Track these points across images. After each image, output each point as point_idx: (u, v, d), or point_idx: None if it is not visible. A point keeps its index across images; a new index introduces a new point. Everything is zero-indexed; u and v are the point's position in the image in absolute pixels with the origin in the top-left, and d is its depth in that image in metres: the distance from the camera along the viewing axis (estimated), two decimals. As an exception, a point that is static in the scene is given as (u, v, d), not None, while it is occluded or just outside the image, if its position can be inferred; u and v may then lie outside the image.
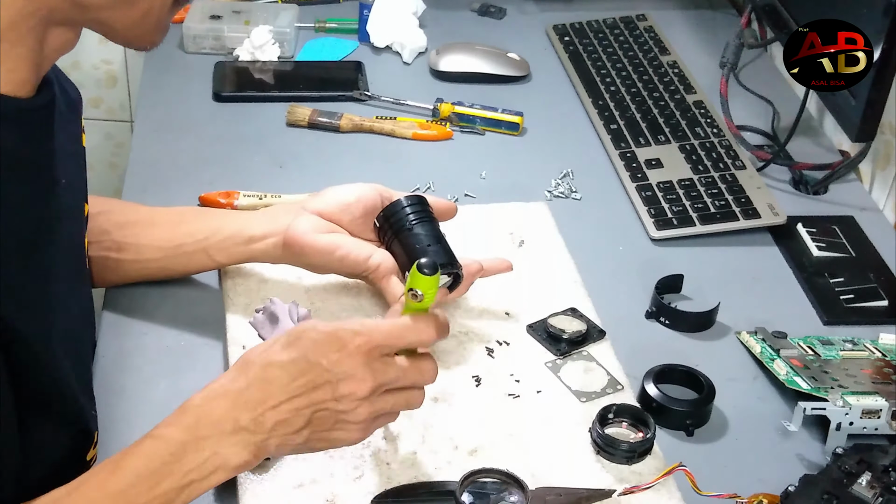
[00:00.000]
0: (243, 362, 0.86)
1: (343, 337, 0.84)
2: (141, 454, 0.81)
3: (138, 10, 0.82)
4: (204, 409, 0.83)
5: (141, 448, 0.82)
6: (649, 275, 1.20)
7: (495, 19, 1.72)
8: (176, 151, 1.39)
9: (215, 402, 0.83)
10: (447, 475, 0.95)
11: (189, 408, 0.83)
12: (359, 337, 0.84)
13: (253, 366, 0.85)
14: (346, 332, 0.85)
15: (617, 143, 1.42)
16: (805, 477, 0.95)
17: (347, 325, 0.85)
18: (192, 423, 0.82)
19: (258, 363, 0.85)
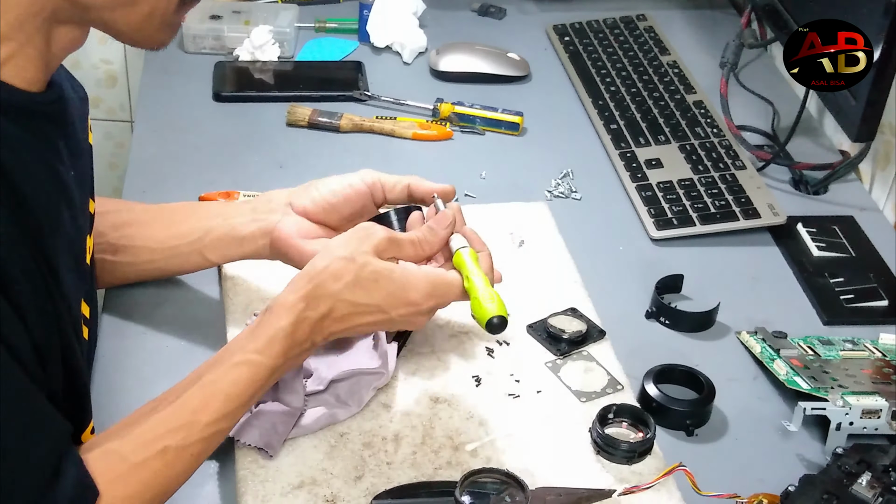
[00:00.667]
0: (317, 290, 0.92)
1: (414, 299, 0.94)
2: (240, 380, 0.90)
3: (141, 10, 0.82)
4: (292, 338, 0.92)
5: (240, 374, 0.90)
6: (649, 275, 1.20)
7: (495, 19, 1.72)
8: (176, 151, 1.39)
9: (299, 329, 0.92)
10: (447, 475, 0.95)
11: (279, 338, 0.91)
12: (429, 300, 0.95)
13: (329, 298, 0.92)
14: (419, 292, 0.94)
15: (617, 143, 1.42)
16: (805, 477, 0.95)
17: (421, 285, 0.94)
18: (282, 350, 0.91)
19: (333, 296, 0.92)
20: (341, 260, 0.93)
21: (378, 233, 0.95)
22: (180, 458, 0.87)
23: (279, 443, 0.97)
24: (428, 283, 0.95)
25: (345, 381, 1.02)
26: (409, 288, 0.94)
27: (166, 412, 0.88)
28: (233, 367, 0.90)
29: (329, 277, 0.92)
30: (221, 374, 0.90)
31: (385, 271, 0.93)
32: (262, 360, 0.90)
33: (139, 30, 0.84)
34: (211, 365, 0.91)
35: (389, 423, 1.01)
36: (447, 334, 1.11)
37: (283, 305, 0.92)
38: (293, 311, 0.92)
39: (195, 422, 0.88)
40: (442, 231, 0.99)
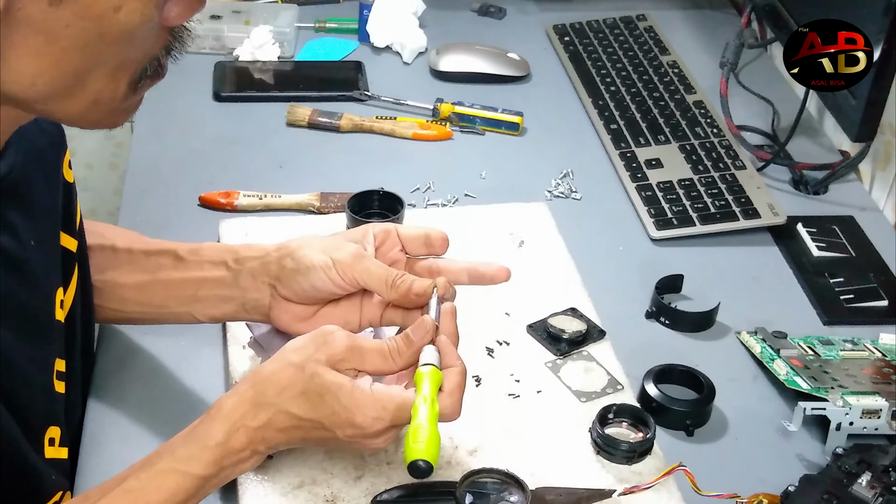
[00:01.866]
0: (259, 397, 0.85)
1: (361, 423, 0.85)
2: (166, 489, 0.83)
3: (82, 101, 0.76)
4: (226, 447, 0.85)
5: (164, 481, 0.83)
6: (649, 275, 1.20)
7: (495, 19, 1.72)
8: (176, 151, 1.39)
9: (235, 437, 0.85)
10: (447, 475, 0.95)
11: (211, 446, 0.84)
12: (377, 424, 0.85)
13: (269, 408, 0.85)
14: (366, 418, 0.85)
15: (617, 143, 1.42)
16: (805, 477, 0.95)
17: (368, 409, 0.84)
18: (214, 459, 0.84)
19: (274, 406, 0.85)
20: (290, 367, 0.85)
21: (337, 341, 0.86)
22: None
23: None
24: (376, 405, 0.84)
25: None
26: (356, 409, 0.84)
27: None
28: (158, 473, 0.83)
29: (273, 386, 0.85)
30: (146, 481, 0.83)
31: (333, 386, 0.84)
32: (189, 469, 0.83)
33: (83, 118, 0.78)
34: (138, 468, 0.84)
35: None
36: (447, 334, 1.11)
37: (220, 410, 0.85)
38: (230, 419, 0.85)
39: None
40: (417, 342, 0.88)
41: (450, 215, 1.28)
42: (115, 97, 0.77)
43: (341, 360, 0.86)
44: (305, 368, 0.85)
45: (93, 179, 2.17)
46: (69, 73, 0.74)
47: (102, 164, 2.16)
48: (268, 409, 0.85)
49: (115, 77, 0.76)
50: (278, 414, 0.85)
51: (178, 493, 0.83)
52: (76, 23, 0.71)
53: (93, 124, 0.80)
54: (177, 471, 0.83)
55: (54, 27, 0.70)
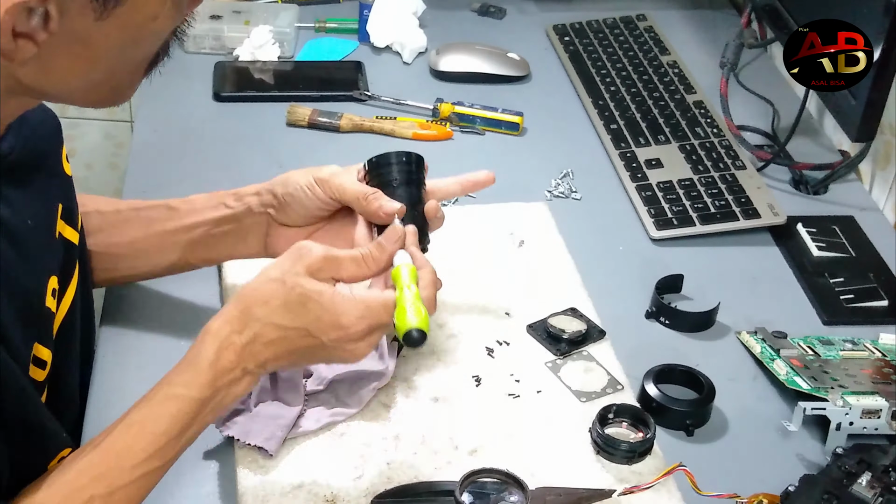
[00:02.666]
0: (245, 313, 0.88)
1: (344, 323, 0.88)
2: (166, 416, 0.86)
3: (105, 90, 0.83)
4: (217, 366, 0.87)
5: (163, 409, 0.86)
6: (649, 275, 1.20)
7: (495, 19, 1.72)
8: (176, 151, 1.39)
9: (224, 354, 0.87)
10: (447, 475, 0.95)
11: (204, 367, 0.87)
12: (360, 323, 0.88)
13: (255, 322, 0.88)
14: (349, 317, 0.88)
15: (617, 143, 1.42)
16: (805, 477, 0.95)
17: (350, 308, 0.88)
18: (208, 381, 0.87)
19: (260, 320, 0.88)
20: (270, 282, 0.88)
21: (313, 252, 0.89)
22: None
23: (279, 443, 0.97)
24: (359, 305, 0.88)
25: (345, 381, 1.02)
26: (339, 311, 0.87)
27: (90, 458, 0.85)
28: (157, 403, 0.86)
29: (256, 301, 0.88)
30: (146, 413, 0.86)
31: (314, 294, 0.87)
32: (186, 392, 0.86)
33: (100, 102, 0.85)
34: (139, 403, 0.87)
35: (389, 423, 1.01)
36: (447, 334, 1.11)
37: (208, 331, 0.88)
38: (217, 337, 0.87)
39: (119, 466, 0.84)
40: (390, 247, 0.92)
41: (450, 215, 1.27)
42: (132, 84, 0.84)
43: (319, 269, 0.89)
44: (286, 281, 0.88)
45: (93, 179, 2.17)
46: (101, 72, 0.80)
47: (102, 164, 2.16)
48: (253, 323, 0.88)
49: (138, 69, 0.83)
50: (264, 327, 0.88)
51: (179, 417, 0.86)
52: (116, 33, 0.76)
53: (102, 106, 0.86)
54: (174, 396, 0.86)
55: (95, 37, 0.76)
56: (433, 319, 1.11)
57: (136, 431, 0.85)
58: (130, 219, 1.07)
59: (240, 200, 1.05)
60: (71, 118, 2.09)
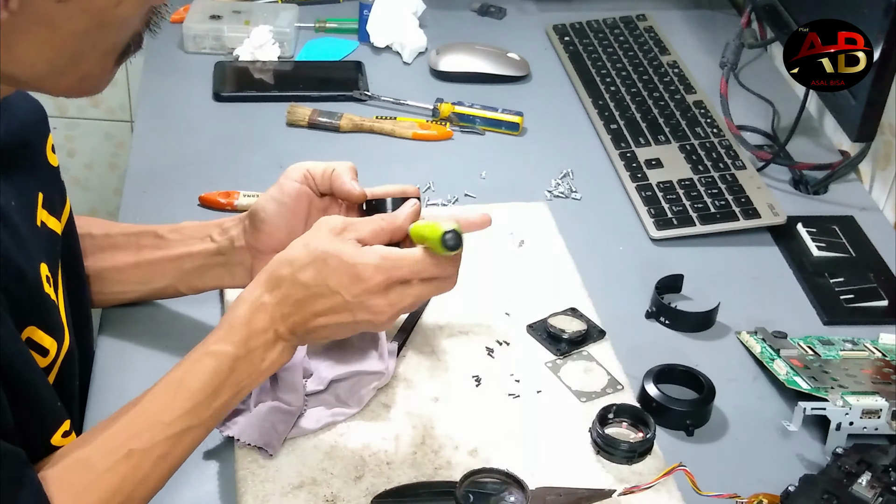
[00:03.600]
0: (274, 275, 0.91)
1: (362, 274, 0.88)
2: (201, 373, 0.88)
3: (73, 77, 0.82)
4: (249, 325, 0.90)
5: (200, 367, 0.89)
6: (649, 275, 1.20)
7: (495, 19, 1.72)
8: (176, 151, 1.39)
9: (257, 315, 0.90)
10: (447, 475, 0.95)
11: (236, 325, 0.90)
12: (379, 274, 0.88)
13: (283, 282, 0.90)
14: (367, 267, 0.88)
15: (617, 143, 1.42)
16: (805, 477, 0.95)
17: (369, 258, 0.89)
18: (242, 338, 0.89)
19: (287, 280, 0.90)
20: (297, 247, 0.91)
21: (334, 218, 0.93)
22: (147, 461, 0.86)
23: (279, 443, 0.97)
24: (375, 255, 0.89)
25: (345, 381, 1.02)
26: (357, 262, 0.89)
27: (131, 415, 0.87)
28: (193, 362, 0.89)
29: (284, 262, 0.91)
30: (183, 371, 0.89)
31: (334, 250, 0.89)
32: (222, 348, 0.89)
33: (71, 90, 0.85)
34: (176, 365, 0.90)
35: (389, 423, 1.01)
36: (447, 334, 1.11)
37: (242, 295, 0.91)
38: (250, 298, 0.90)
39: (158, 422, 0.87)
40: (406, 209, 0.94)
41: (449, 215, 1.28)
42: (102, 73, 0.84)
43: (341, 230, 0.91)
44: (309, 243, 0.91)
45: (93, 179, 2.17)
46: (66, 57, 0.80)
47: (102, 164, 2.16)
48: (280, 284, 0.90)
49: (106, 57, 0.83)
50: (291, 287, 0.90)
51: (215, 374, 0.89)
52: (79, 16, 0.77)
53: (75, 95, 0.87)
54: (209, 353, 0.89)
55: (58, 20, 0.76)
56: (434, 319, 1.11)
57: (174, 388, 0.88)
58: (121, 245, 1.09)
59: (224, 234, 1.05)
60: (71, 118, 2.09)
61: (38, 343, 0.89)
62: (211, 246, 1.05)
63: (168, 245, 1.07)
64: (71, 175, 2.15)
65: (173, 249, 1.07)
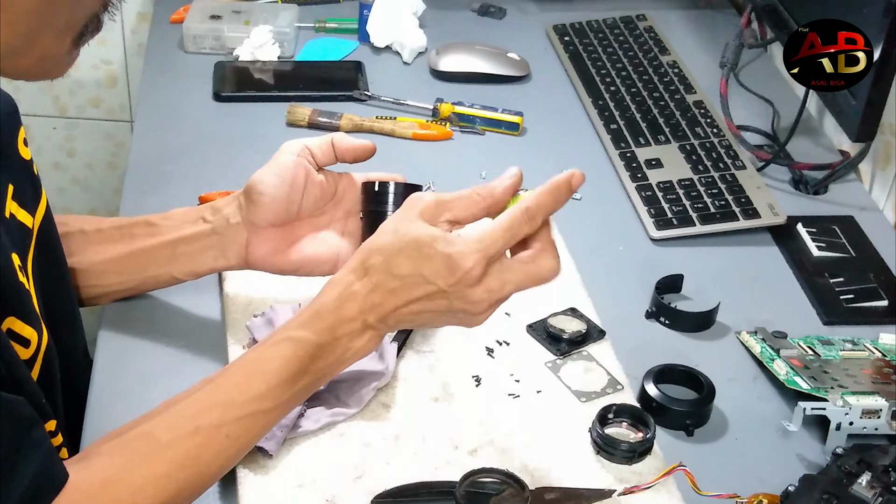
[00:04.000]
0: (365, 264, 0.88)
1: (458, 262, 0.84)
2: (281, 357, 0.87)
3: (30, 58, 0.81)
4: (338, 313, 0.87)
5: (280, 351, 0.87)
6: (649, 275, 1.20)
7: (495, 19, 1.72)
8: (176, 151, 1.39)
9: (346, 304, 0.87)
10: (447, 475, 0.95)
11: (323, 312, 0.88)
12: (475, 260, 0.84)
13: (375, 271, 0.87)
14: (462, 255, 0.84)
15: (617, 143, 1.42)
16: (805, 477, 0.95)
17: (464, 246, 0.85)
18: (328, 326, 0.87)
19: (379, 269, 0.87)
20: (387, 233, 0.88)
21: (424, 199, 0.88)
22: (214, 439, 0.84)
23: (279, 443, 0.97)
24: (470, 240, 0.85)
25: (345, 381, 1.02)
26: (452, 251, 0.85)
27: (204, 391, 0.86)
28: (274, 344, 0.87)
29: (375, 251, 0.87)
30: (262, 352, 0.87)
31: (427, 237, 0.85)
32: (304, 335, 0.87)
33: (30, 73, 0.84)
34: (256, 346, 0.89)
35: (389, 423, 1.01)
36: (447, 334, 1.11)
37: (332, 281, 0.89)
38: (340, 285, 0.88)
39: (230, 401, 0.85)
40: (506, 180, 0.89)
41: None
42: (60, 53, 0.83)
43: (432, 214, 0.87)
44: (399, 230, 0.87)
45: (93, 179, 2.17)
46: (21, 34, 0.79)
47: (102, 164, 2.16)
48: (372, 273, 0.87)
49: (62, 36, 0.82)
50: (383, 276, 0.87)
51: (293, 359, 0.87)
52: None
53: (37, 78, 0.85)
54: (290, 338, 0.87)
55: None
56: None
57: (250, 369, 0.87)
58: (113, 237, 1.08)
59: (217, 213, 1.04)
60: (71, 118, 2.09)
61: (19, 334, 0.88)
62: (205, 227, 1.04)
63: (161, 231, 1.06)
64: (71, 175, 2.15)
65: (166, 235, 1.06)
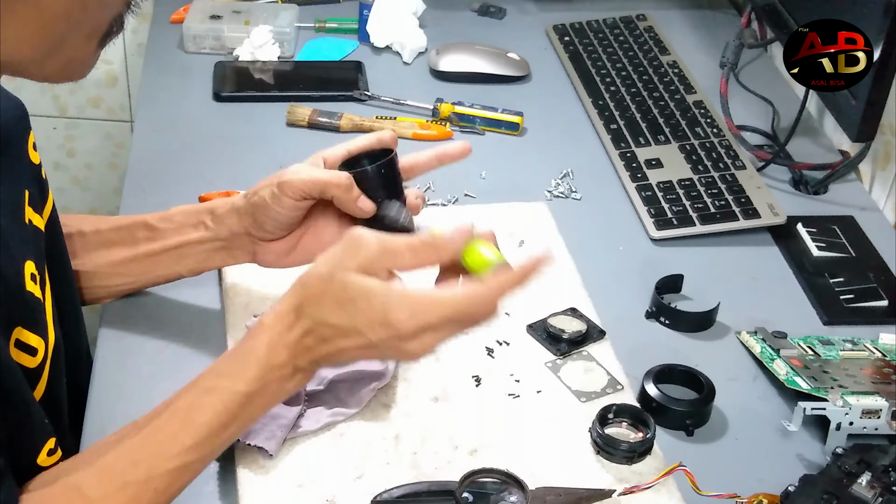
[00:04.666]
0: (297, 310, 0.85)
1: (393, 321, 0.82)
2: (210, 408, 0.84)
3: (59, 61, 0.82)
4: (268, 361, 0.85)
5: (210, 401, 0.85)
6: (649, 275, 1.20)
7: (495, 19, 1.72)
8: (176, 151, 1.39)
9: (277, 351, 0.85)
10: (447, 475, 0.95)
11: (253, 361, 0.85)
12: (411, 321, 0.81)
13: (307, 317, 0.85)
14: (398, 315, 0.81)
15: (617, 143, 1.42)
16: (805, 477, 0.95)
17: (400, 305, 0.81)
18: (257, 375, 0.85)
19: (312, 316, 0.84)
20: (323, 279, 0.84)
21: (368, 245, 0.84)
22: (143, 494, 0.82)
23: (279, 443, 0.97)
24: (411, 302, 0.82)
25: (345, 381, 1.02)
26: (388, 307, 0.82)
27: (131, 443, 0.84)
28: (203, 393, 0.85)
29: (309, 298, 0.85)
30: (191, 402, 0.85)
31: (363, 291, 0.82)
32: (232, 385, 0.84)
33: (55, 76, 0.84)
34: (185, 390, 0.86)
35: (389, 423, 1.01)
36: (447, 334, 1.11)
37: (261, 324, 0.86)
38: (271, 331, 0.85)
39: (159, 454, 0.83)
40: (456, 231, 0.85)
41: (450, 215, 1.28)
42: (86, 55, 0.84)
43: (372, 262, 0.83)
44: (335, 277, 0.83)
45: (93, 179, 2.17)
46: (50, 39, 0.80)
47: (102, 164, 2.16)
48: (304, 320, 0.85)
49: (89, 38, 0.83)
50: (316, 325, 0.84)
51: (224, 411, 0.85)
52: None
53: (61, 80, 0.86)
54: (221, 388, 0.85)
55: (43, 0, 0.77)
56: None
57: (180, 420, 0.85)
58: (114, 240, 1.07)
59: (220, 223, 1.03)
60: (71, 118, 2.09)
61: (26, 343, 0.88)
62: (206, 234, 1.04)
63: (162, 235, 1.06)
64: (71, 175, 2.15)
65: (168, 239, 1.06)
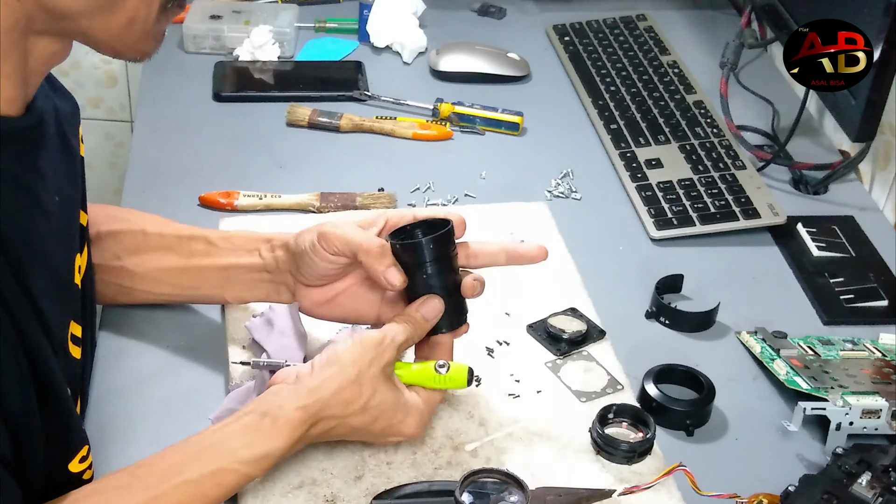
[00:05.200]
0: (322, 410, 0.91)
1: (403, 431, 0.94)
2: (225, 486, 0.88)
3: (120, 18, 0.81)
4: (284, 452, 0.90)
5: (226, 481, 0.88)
6: (649, 275, 1.20)
7: (495, 19, 1.72)
8: (176, 151, 1.39)
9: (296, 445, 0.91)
10: (447, 475, 0.95)
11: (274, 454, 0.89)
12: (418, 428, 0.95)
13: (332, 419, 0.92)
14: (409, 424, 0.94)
15: (617, 143, 1.42)
16: (805, 477, 0.95)
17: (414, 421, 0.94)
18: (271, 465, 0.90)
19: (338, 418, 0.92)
20: (352, 385, 0.91)
21: (387, 352, 0.92)
22: None
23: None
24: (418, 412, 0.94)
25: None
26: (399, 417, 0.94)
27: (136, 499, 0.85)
28: (220, 471, 0.87)
29: (339, 402, 0.91)
30: (207, 476, 0.87)
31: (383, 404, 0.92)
32: (250, 472, 0.88)
33: (119, 39, 0.83)
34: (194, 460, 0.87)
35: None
36: (447, 334, 1.11)
37: (289, 422, 0.89)
38: (295, 433, 0.89)
39: None
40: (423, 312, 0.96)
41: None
42: (148, 18, 0.82)
43: (389, 364, 0.93)
44: (364, 385, 0.91)
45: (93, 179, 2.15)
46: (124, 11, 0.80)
47: (102, 164, 2.16)
48: (331, 420, 0.91)
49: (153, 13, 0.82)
50: (340, 425, 0.92)
51: (235, 488, 0.89)
52: None
53: (124, 49, 0.85)
54: (238, 472, 0.88)
55: None
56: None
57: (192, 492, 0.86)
58: (172, 246, 1.07)
59: (271, 253, 1.03)
60: (71, 118, 2.09)
61: (75, 335, 0.90)
62: (258, 261, 1.03)
63: (218, 253, 1.05)
64: (71, 175, 2.15)
65: (222, 258, 1.05)
